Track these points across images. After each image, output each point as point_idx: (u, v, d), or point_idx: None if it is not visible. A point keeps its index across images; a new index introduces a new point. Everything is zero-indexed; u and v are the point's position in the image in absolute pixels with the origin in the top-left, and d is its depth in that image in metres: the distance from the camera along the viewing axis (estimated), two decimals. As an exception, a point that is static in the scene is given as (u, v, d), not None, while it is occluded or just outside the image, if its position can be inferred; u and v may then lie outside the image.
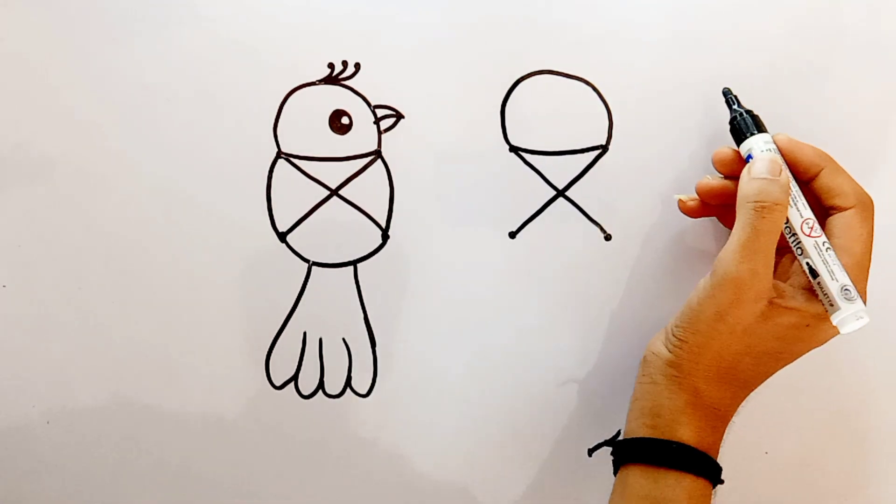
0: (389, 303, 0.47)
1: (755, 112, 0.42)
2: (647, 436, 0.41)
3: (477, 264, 0.47)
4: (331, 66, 0.46)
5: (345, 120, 0.46)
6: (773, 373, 0.42)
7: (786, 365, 0.42)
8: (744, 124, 0.42)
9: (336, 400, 0.48)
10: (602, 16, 0.46)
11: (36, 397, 0.48)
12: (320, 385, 0.48)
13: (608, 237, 0.47)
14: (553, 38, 0.46)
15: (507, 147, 0.46)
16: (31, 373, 0.47)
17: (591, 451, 0.47)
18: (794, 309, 0.39)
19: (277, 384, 0.48)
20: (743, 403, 0.47)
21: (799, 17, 0.46)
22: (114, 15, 0.46)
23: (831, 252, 0.39)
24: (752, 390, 0.42)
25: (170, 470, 0.48)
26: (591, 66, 0.46)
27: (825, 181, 0.41)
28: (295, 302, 0.47)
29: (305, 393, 0.48)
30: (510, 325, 0.47)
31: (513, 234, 0.47)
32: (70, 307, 0.47)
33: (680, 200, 0.44)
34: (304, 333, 0.48)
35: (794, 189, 0.41)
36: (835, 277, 0.39)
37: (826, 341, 0.41)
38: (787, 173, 0.40)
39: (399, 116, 0.46)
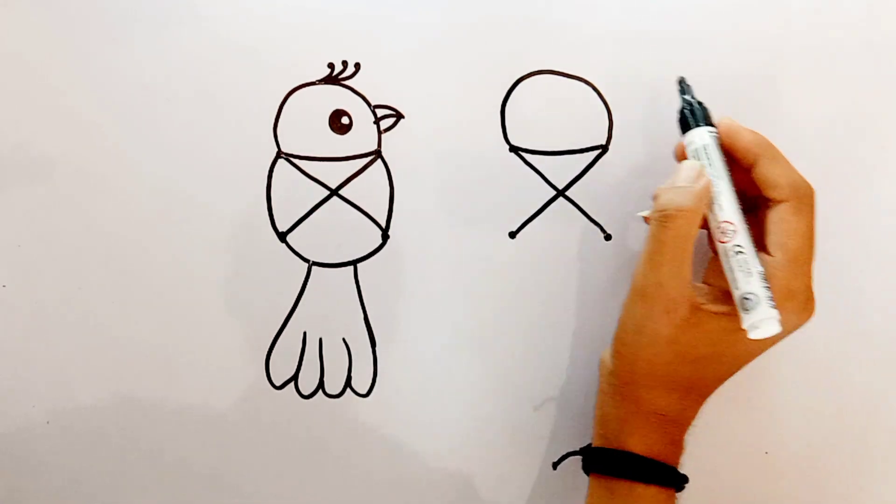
0: (389, 303, 0.47)
1: (704, 104, 0.41)
2: (598, 445, 0.42)
3: (477, 264, 0.47)
4: (331, 66, 0.46)
5: (345, 120, 0.46)
6: (726, 376, 0.41)
7: (742, 365, 0.41)
8: (690, 117, 0.41)
9: (336, 400, 0.48)
10: (602, 16, 0.46)
11: (36, 397, 0.48)
12: (320, 385, 0.48)
13: (608, 237, 0.47)
14: (553, 38, 0.46)
15: (507, 147, 0.46)
16: (31, 373, 0.47)
17: (555, 465, 0.47)
18: (722, 314, 0.38)
19: (277, 384, 0.48)
20: (742, 404, 0.47)
21: (799, 17, 0.46)
22: (114, 15, 0.46)
23: (739, 257, 0.38)
24: (706, 394, 0.41)
25: (170, 470, 0.48)
26: (591, 66, 0.46)
27: (760, 171, 0.39)
28: (295, 302, 0.47)
29: (305, 393, 0.48)
30: (510, 325, 0.47)
31: (513, 234, 0.47)
32: (70, 307, 0.47)
33: (644, 218, 0.42)
34: (304, 333, 0.48)
35: (720, 188, 0.39)
36: (737, 286, 0.37)
37: (776, 342, 0.39)
38: (703, 180, 0.39)
39: (399, 116, 0.46)
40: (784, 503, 0.48)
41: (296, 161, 0.46)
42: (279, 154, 0.46)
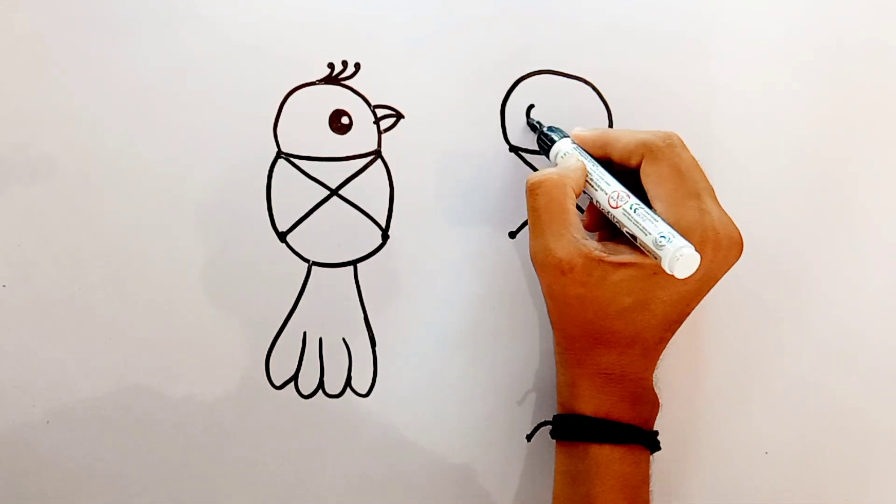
0: (389, 303, 0.47)
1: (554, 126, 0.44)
2: (558, 413, 0.43)
3: (477, 264, 0.47)
4: (331, 66, 0.46)
5: (345, 120, 0.46)
6: (665, 324, 0.41)
7: (681, 311, 0.41)
8: (546, 139, 0.44)
9: (336, 400, 0.48)
10: (603, 16, 0.46)
11: (36, 397, 0.48)
12: (320, 385, 0.48)
13: (608, 237, 0.47)
14: (553, 37, 0.46)
15: (507, 147, 0.46)
16: (31, 372, 0.47)
17: (529, 436, 0.47)
18: (629, 263, 0.39)
19: (277, 384, 0.48)
20: (742, 404, 0.47)
21: (799, 17, 0.46)
22: (114, 15, 0.46)
23: (641, 210, 0.38)
24: (652, 345, 0.41)
25: (170, 469, 0.48)
26: (591, 66, 0.46)
27: (614, 154, 0.41)
28: (295, 302, 0.47)
29: (305, 393, 0.48)
30: (510, 324, 0.47)
31: (513, 234, 0.47)
32: (70, 307, 0.47)
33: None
34: (304, 333, 0.48)
35: (598, 171, 0.41)
36: (647, 232, 0.37)
37: (705, 286, 0.40)
38: (579, 163, 0.41)
39: (399, 116, 0.46)
40: (784, 503, 0.48)
41: (296, 161, 0.46)
42: (279, 154, 0.46)
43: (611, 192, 0.39)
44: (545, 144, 0.44)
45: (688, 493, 0.47)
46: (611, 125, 0.46)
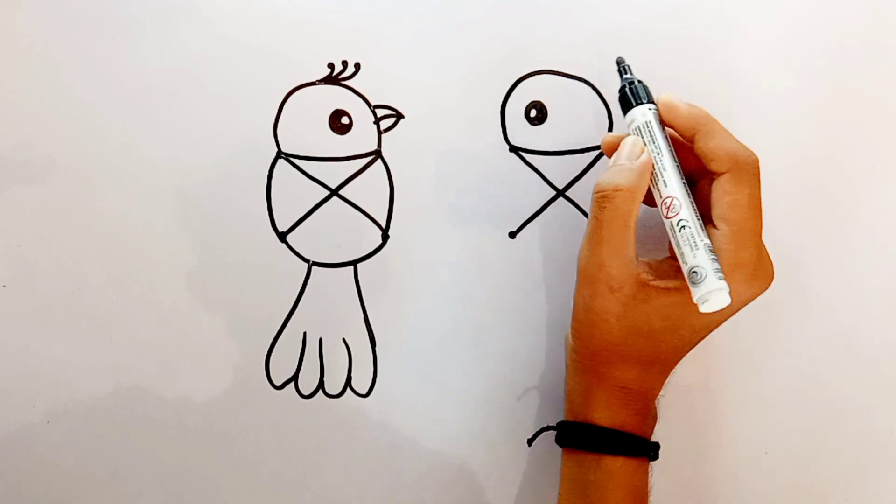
0: (389, 303, 0.47)
1: (644, 82, 0.41)
2: (568, 420, 0.43)
3: (477, 264, 0.47)
4: (331, 66, 0.46)
5: (345, 120, 0.46)
6: (686, 347, 0.41)
7: (703, 336, 0.41)
8: (631, 96, 0.41)
9: (336, 400, 0.48)
10: (602, 16, 0.46)
11: (36, 397, 0.48)
12: (320, 385, 0.48)
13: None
14: (553, 37, 0.46)
15: (507, 147, 0.46)
16: (31, 372, 0.47)
17: (530, 441, 0.47)
18: (672, 290, 0.38)
19: (277, 384, 0.48)
20: (742, 404, 0.47)
21: (799, 17, 0.46)
22: (114, 15, 0.46)
23: (684, 231, 0.37)
24: (669, 366, 0.42)
25: (170, 470, 0.48)
26: (591, 66, 0.46)
27: (699, 145, 0.39)
28: (295, 302, 0.47)
29: (305, 393, 0.48)
30: (510, 324, 0.47)
31: (513, 234, 0.47)
32: (70, 307, 0.47)
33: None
34: (304, 333, 0.48)
35: (663, 163, 0.39)
36: (684, 260, 0.37)
37: (733, 313, 0.39)
38: (644, 156, 0.39)
39: (399, 116, 0.46)
40: (784, 503, 0.48)
41: (296, 161, 0.46)
42: (279, 154, 0.46)
43: (665, 198, 0.39)
44: (629, 100, 0.41)
45: (688, 493, 0.47)
46: (611, 125, 0.46)
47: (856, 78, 0.46)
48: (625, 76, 0.42)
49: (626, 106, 0.41)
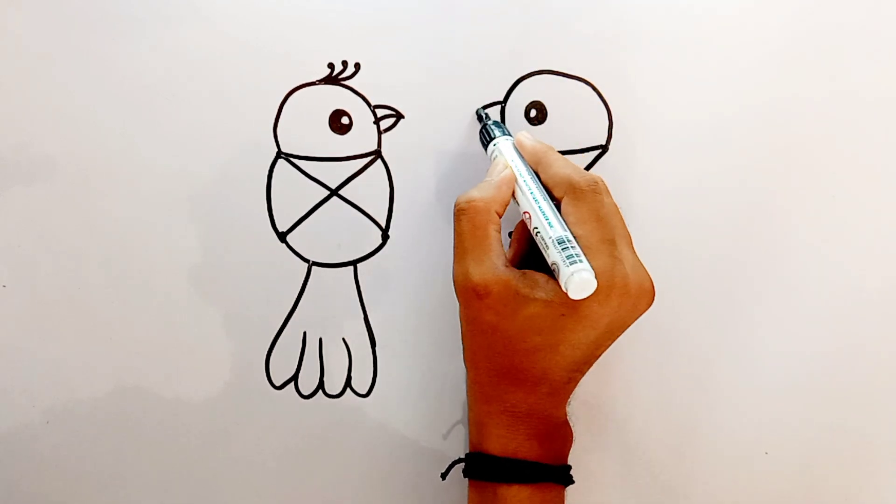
0: (389, 303, 0.47)
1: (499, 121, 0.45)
2: (470, 450, 0.42)
3: (477, 264, 0.47)
4: (331, 66, 0.46)
5: (345, 120, 0.46)
6: (571, 367, 0.40)
7: (589, 356, 0.40)
8: (487, 134, 0.44)
9: (336, 400, 0.48)
10: (602, 16, 0.46)
11: (36, 397, 0.48)
12: (320, 385, 0.48)
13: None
14: (553, 38, 0.46)
15: (507, 147, 0.46)
16: (30, 372, 0.47)
17: (443, 475, 0.47)
18: (541, 299, 0.38)
19: (277, 384, 0.48)
20: (742, 404, 0.47)
21: (799, 17, 0.46)
22: (114, 15, 0.46)
23: (539, 237, 0.39)
24: (559, 387, 0.40)
25: (169, 469, 0.48)
26: (591, 66, 0.46)
27: (543, 177, 0.41)
28: (295, 302, 0.47)
29: (305, 393, 0.48)
30: (510, 325, 0.47)
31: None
32: (70, 307, 0.47)
33: None
34: (304, 333, 0.48)
35: (524, 183, 0.40)
36: (549, 260, 0.38)
37: (601, 324, 0.38)
38: (506, 172, 0.41)
39: (399, 116, 0.46)
40: (784, 503, 0.48)
41: (296, 161, 0.46)
42: (279, 154, 0.46)
43: (524, 212, 0.40)
44: (485, 139, 0.44)
45: (688, 493, 0.47)
46: (611, 125, 0.46)
47: (856, 78, 0.46)
48: (483, 121, 0.45)
49: (487, 139, 0.44)
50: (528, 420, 0.40)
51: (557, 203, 0.40)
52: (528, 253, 0.42)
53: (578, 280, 0.36)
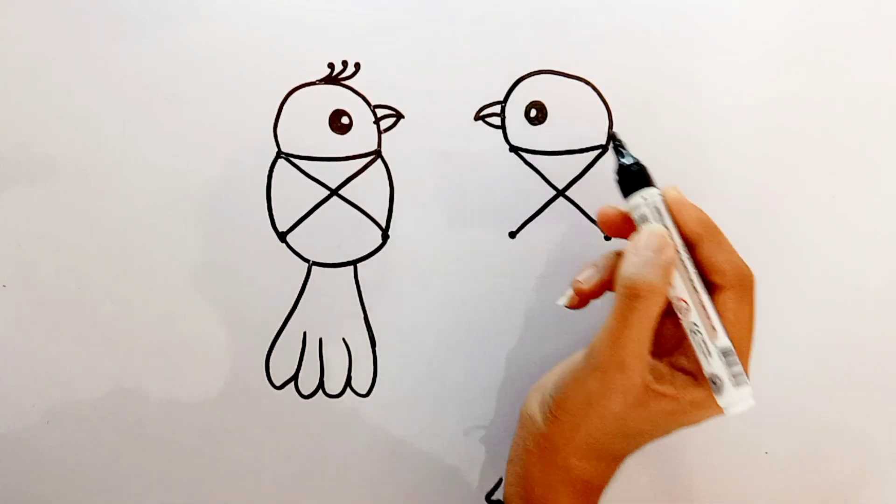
0: (389, 303, 0.47)
1: (643, 163, 0.39)
2: (503, 500, 0.41)
3: (477, 264, 0.47)
4: (331, 66, 0.46)
5: (345, 120, 0.46)
6: (643, 445, 0.40)
7: (663, 436, 0.40)
8: (632, 177, 0.38)
9: (336, 400, 0.48)
10: (602, 16, 0.46)
11: (36, 397, 0.48)
12: (320, 385, 0.48)
13: (608, 237, 0.47)
14: (553, 38, 0.46)
15: (507, 147, 0.46)
16: (31, 372, 0.47)
17: (488, 498, 0.46)
18: (670, 396, 0.37)
19: (277, 384, 0.48)
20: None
21: (799, 17, 0.46)
22: (114, 14, 0.46)
23: (696, 337, 0.36)
24: (623, 461, 0.41)
25: (169, 470, 0.48)
26: (591, 66, 0.46)
27: (704, 254, 0.37)
28: (295, 302, 0.47)
29: (305, 393, 0.48)
30: (510, 325, 0.47)
31: (513, 234, 0.47)
32: (70, 307, 0.47)
33: (571, 300, 0.40)
34: (304, 333, 0.48)
35: (680, 263, 0.37)
36: (702, 364, 0.36)
37: (700, 422, 0.38)
38: (670, 251, 0.36)
39: (399, 116, 0.46)
40: (784, 503, 0.48)
41: (296, 161, 0.46)
42: (279, 154, 0.46)
43: (675, 297, 0.37)
44: (628, 180, 0.38)
45: (688, 493, 0.47)
46: (611, 125, 0.46)
47: (857, 78, 0.46)
48: (622, 159, 0.38)
49: (630, 187, 0.38)
50: (596, 491, 0.40)
51: (709, 288, 0.37)
52: (606, 282, 0.40)
53: (745, 407, 0.35)
